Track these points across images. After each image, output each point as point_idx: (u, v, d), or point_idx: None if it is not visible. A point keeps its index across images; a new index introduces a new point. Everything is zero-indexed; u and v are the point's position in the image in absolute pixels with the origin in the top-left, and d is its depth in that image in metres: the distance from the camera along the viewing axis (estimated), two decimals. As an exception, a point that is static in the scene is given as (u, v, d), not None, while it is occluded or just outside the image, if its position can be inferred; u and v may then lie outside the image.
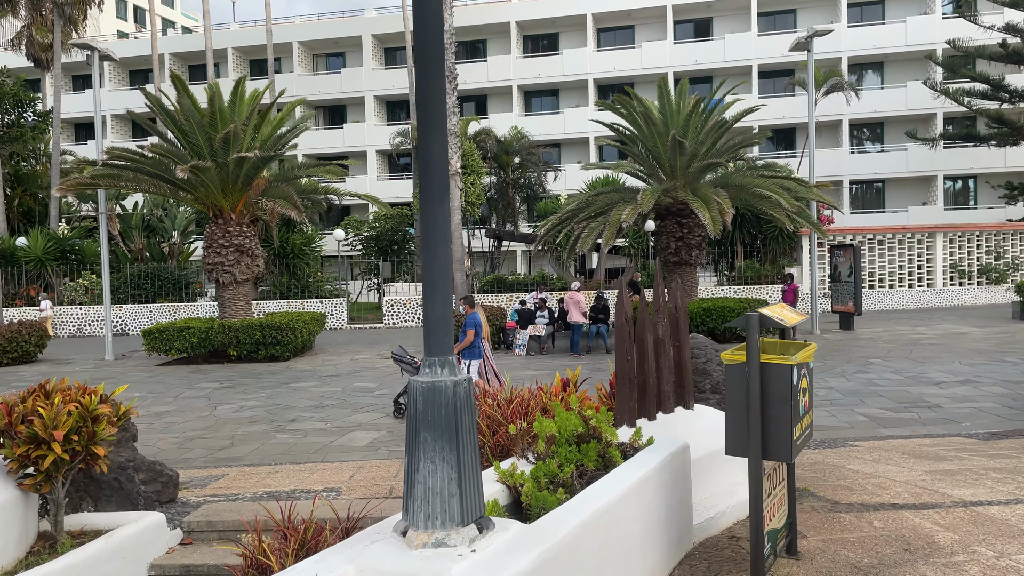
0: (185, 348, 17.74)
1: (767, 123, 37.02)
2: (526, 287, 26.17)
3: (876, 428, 9.24)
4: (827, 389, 11.93)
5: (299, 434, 9.95)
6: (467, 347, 10.71)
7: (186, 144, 18.18)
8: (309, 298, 25.82)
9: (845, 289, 20.73)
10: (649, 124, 19.06)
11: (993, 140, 32.22)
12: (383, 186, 40.92)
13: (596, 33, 41.27)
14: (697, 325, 18.45)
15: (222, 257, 18.45)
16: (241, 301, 18.85)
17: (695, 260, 19.74)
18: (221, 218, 18.71)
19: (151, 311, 25.28)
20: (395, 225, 30.76)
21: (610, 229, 17.81)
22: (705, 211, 16.88)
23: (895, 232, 27.06)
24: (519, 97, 41.05)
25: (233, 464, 8.44)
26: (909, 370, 13.46)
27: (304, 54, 43.40)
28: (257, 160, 17.75)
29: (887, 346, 16.89)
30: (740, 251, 27.24)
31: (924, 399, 10.85)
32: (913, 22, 36.68)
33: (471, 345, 10.74)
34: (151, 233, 28.46)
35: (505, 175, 32.81)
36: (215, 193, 18.26)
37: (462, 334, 10.72)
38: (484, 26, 41.27)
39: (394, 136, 33.24)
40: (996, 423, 9.27)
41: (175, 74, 17.78)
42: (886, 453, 7.47)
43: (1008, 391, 11.19)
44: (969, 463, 6.73)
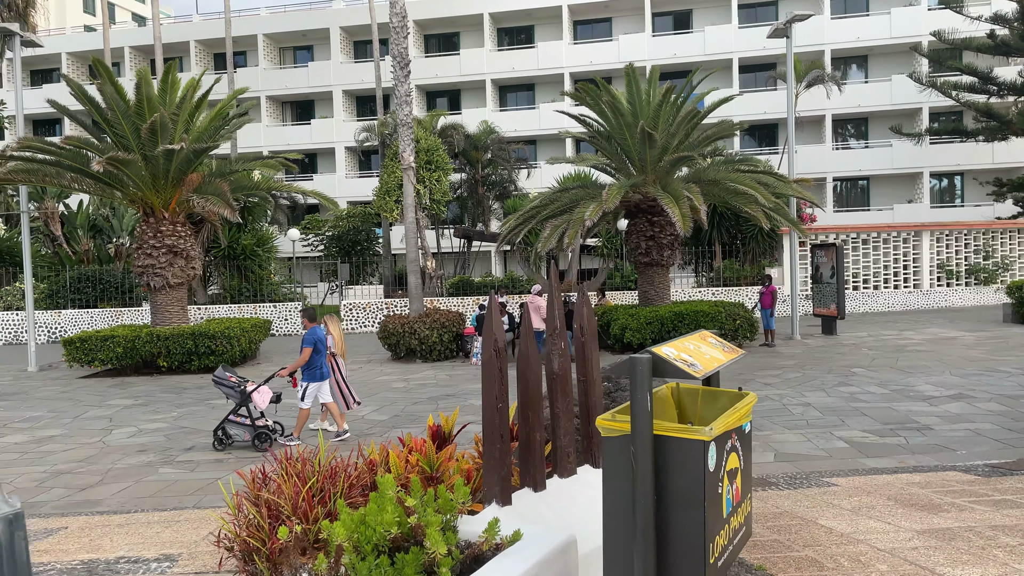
0: (109, 359, 16.24)
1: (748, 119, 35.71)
2: (494, 290, 24.82)
3: (858, 457, 7.92)
4: (804, 406, 10.62)
5: (187, 468, 8.51)
6: (308, 367, 9.33)
7: (112, 136, 16.70)
8: (262, 302, 24.32)
9: (827, 291, 19.45)
10: (617, 115, 17.72)
11: (981, 135, 31.09)
12: (352, 184, 39.48)
13: (572, 26, 39.93)
14: (669, 331, 17.12)
15: (153, 259, 16.99)
16: (175, 307, 17.38)
17: (667, 261, 18.42)
18: (152, 216, 17.24)
19: (92, 317, 23.71)
20: (359, 224, 29.27)
21: (573, 228, 16.43)
22: (675, 207, 15.53)
23: (880, 231, 25.85)
24: (493, 92, 39.64)
25: (86, 510, 7.01)
26: (895, 382, 12.17)
27: (270, 47, 41.80)
28: (189, 153, 16.29)
29: (871, 353, 15.62)
30: (718, 251, 25.96)
31: (912, 418, 9.54)
32: (898, 14, 35.53)
33: (312, 365, 9.34)
34: (97, 234, 26.87)
35: (475, 172, 31.39)
36: (144, 189, 16.78)
37: (307, 353, 9.32)
38: (457, 18, 39.83)
39: (359, 131, 31.76)
40: (996, 451, 7.96)
41: (96, 60, 16.30)
42: (868, 498, 6.13)
43: (1006, 408, 9.91)
44: (971, 517, 5.39)
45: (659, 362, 2.12)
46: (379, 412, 11.45)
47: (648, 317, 17.13)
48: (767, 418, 9.92)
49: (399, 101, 17.55)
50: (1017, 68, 31.50)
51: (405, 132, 17.62)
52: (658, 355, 2.11)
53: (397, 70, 17.43)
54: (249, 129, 40.16)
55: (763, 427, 9.41)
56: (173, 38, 41.26)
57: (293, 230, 26.09)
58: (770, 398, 11.30)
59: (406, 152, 17.48)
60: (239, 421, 9.20)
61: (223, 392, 9.40)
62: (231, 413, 9.20)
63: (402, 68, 17.40)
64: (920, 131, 33.37)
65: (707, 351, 2.39)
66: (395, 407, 11.80)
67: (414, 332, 17.06)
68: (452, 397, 12.71)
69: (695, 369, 2.15)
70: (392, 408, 11.72)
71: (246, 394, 9.17)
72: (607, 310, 18.89)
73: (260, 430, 9.14)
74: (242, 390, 9.20)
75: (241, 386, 9.25)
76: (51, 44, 42.68)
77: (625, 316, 17.48)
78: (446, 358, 17.69)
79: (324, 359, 9.53)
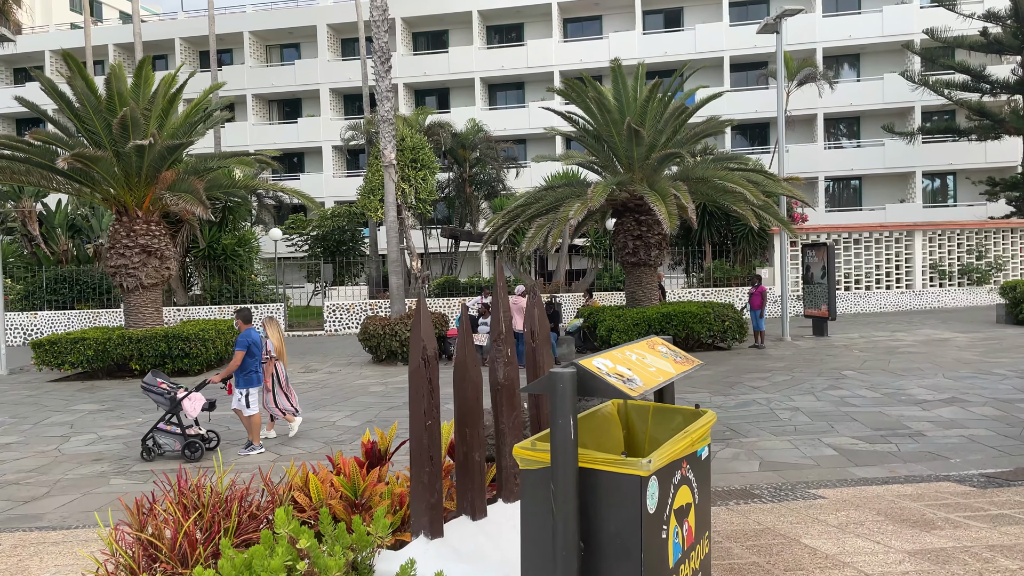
0: (79, 362, 15.75)
1: (739, 118, 35.46)
2: (480, 290, 24.43)
3: (847, 466, 7.51)
4: (792, 410, 10.22)
5: (141, 479, 8.06)
6: (242, 372, 8.87)
7: (84, 132, 16.23)
8: (243, 303, 23.82)
9: (818, 291, 19.08)
10: (603, 112, 17.31)
11: (974, 134, 30.81)
12: (339, 183, 39.01)
13: (562, 24, 39.54)
14: (656, 332, 16.72)
15: (126, 259, 16.49)
16: (149, 308, 16.88)
17: (655, 261, 18.02)
18: (126, 215, 16.75)
19: (69, 318, 23.19)
20: (345, 224, 28.80)
21: (558, 227, 16.03)
22: (661, 205, 15.14)
23: (872, 231, 25.51)
24: (482, 90, 39.20)
25: (24, 525, 6.56)
26: (887, 385, 11.79)
27: (256, 45, 41.28)
28: (162, 149, 15.82)
29: (863, 355, 15.24)
30: (708, 251, 25.59)
31: (904, 424, 9.15)
32: (890, 12, 35.22)
33: (245, 369, 8.88)
34: (76, 234, 26.34)
35: (462, 171, 30.95)
36: (117, 187, 16.31)
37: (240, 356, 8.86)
38: (446, 15, 39.39)
39: (345, 130, 31.29)
40: (992, 459, 7.57)
41: (67, 53, 15.80)
42: (857, 512, 5.72)
43: (1001, 413, 9.52)
44: (966, 535, 4.99)
45: (586, 377, 1.71)
46: (351, 418, 11.01)
47: (635, 318, 16.73)
48: (753, 424, 9.52)
49: (380, 97, 17.12)
50: (1010, 66, 31.25)
51: (386, 129, 17.19)
52: (586, 369, 1.70)
53: (378, 65, 17.00)
54: (235, 128, 39.68)
55: (749, 433, 9.02)
56: (158, 36, 40.73)
57: (275, 230, 25.59)
58: (757, 402, 10.91)
59: (387, 149, 17.05)
60: (169, 430, 8.70)
61: (152, 399, 8.93)
62: (160, 421, 8.72)
63: (383, 63, 16.97)
64: (912, 130, 33.08)
65: (653, 362, 1.98)
66: (369, 412, 11.37)
67: (395, 334, 16.61)
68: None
69: (632, 386, 1.73)
70: (366, 414, 11.29)
71: (176, 401, 8.68)
72: (593, 311, 18.50)
73: (191, 439, 8.65)
74: (172, 397, 8.73)
75: (171, 393, 8.78)
76: (34, 42, 42.12)
77: (611, 317, 17.08)
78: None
79: (259, 364, 9.06)
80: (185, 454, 8.62)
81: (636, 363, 1.89)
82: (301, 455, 8.82)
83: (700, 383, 12.82)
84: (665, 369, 1.98)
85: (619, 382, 1.70)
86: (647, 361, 1.96)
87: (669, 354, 2.13)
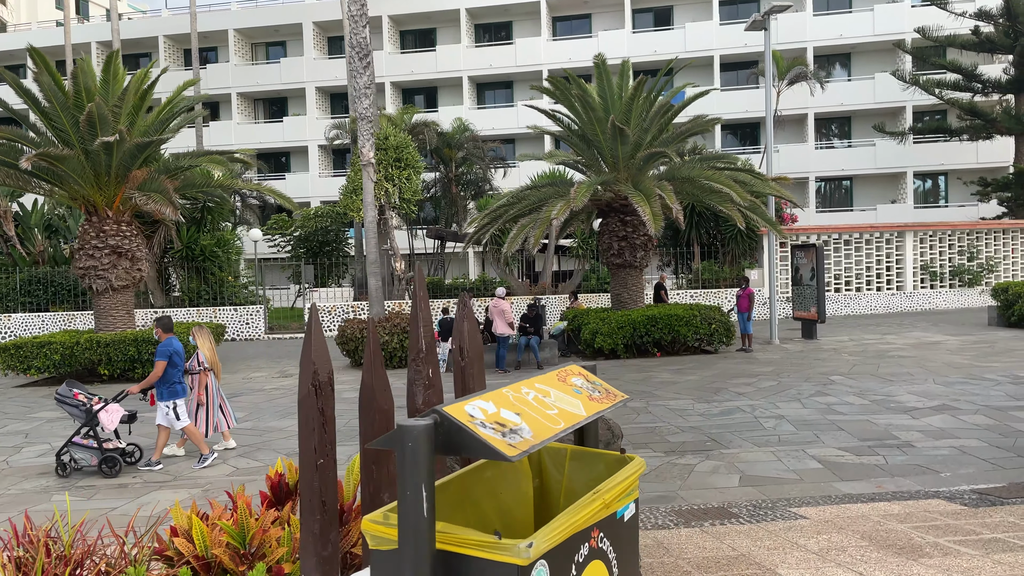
0: (45, 367, 15.25)
1: (729, 117, 35.17)
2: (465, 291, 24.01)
3: (831, 481, 7.11)
4: (777, 418, 9.82)
5: (85, 495, 7.59)
6: (165, 383, 8.42)
7: (52, 129, 15.74)
8: (223, 305, 23.32)
9: (807, 293, 18.70)
10: (587, 110, 16.93)
11: (965, 134, 30.52)
12: (326, 183, 38.51)
13: (551, 22, 39.13)
14: (642, 335, 16.34)
15: (95, 260, 16.01)
16: (119, 311, 16.40)
17: (640, 262, 17.64)
18: (95, 215, 16.26)
19: (43, 320, 22.65)
20: (329, 224, 28.32)
21: (539, 228, 15.63)
22: (646, 206, 14.74)
23: (862, 231, 25.17)
24: (470, 89, 38.76)
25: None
26: (875, 391, 11.40)
27: (241, 43, 40.73)
28: (132, 148, 15.34)
29: (852, 359, 14.87)
30: (697, 252, 25.21)
31: (892, 433, 8.76)
32: (881, 11, 34.92)
33: (168, 381, 8.43)
34: (52, 234, 25.78)
35: (448, 171, 30.50)
36: (86, 186, 15.81)
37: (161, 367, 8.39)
38: (434, 13, 38.93)
39: (330, 129, 30.80)
40: (984, 473, 7.18)
41: (32, 48, 15.33)
42: (839, 536, 5.31)
43: (993, 422, 9.14)
44: (957, 565, 4.58)
45: (450, 431, 1.28)
46: (319, 426, 10.54)
47: (620, 321, 16.33)
48: (736, 433, 9.12)
49: (358, 93, 16.67)
50: (1002, 65, 30.97)
51: (365, 126, 16.74)
52: (450, 419, 1.26)
53: (355, 60, 16.55)
54: (219, 127, 39.15)
55: (731, 444, 8.61)
56: (141, 33, 40.17)
57: (255, 230, 25.08)
58: (741, 410, 10.51)
59: (365, 147, 16.59)
60: (85, 444, 8.16)
61: (67, 412, 8.41)
62: (75, 435, 8.20)
63: (361, 59, 16.51)
64: (904, 130, 32.80)
65: (558, 401, 1.55)
66: (338, 421, 10.89)
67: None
68: (402, 409, 11.83)
69: (514, 440, 1.29)
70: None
71: (92, 413, 8.18)
72: (578, 313, 18.09)
73: (109, 454, 8.13)
74: (87, 409, 8.23)
75: (87, 404, 8.28)
76: (17, 40, 41.53)
77: (596, 320, 16.67)
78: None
79: (181, 374, 8.59)
80: (102, 470, 8.09)
81: (532, 404, 1.46)
82: (260, 468, 8.38)
83: (683, 389, 12.42)
84: (572, 411, 1.55)
85: (496, 436, 1.26)
86: (550, 400, 1.53)
87: (584, 389, 1.71)
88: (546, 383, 1.65)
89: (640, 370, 14.84)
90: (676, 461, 7.98)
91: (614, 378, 13.96)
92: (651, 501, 6.67)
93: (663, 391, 12.36)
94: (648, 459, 8.08)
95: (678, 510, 6.31)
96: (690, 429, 9.46)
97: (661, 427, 9.64)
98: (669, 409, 10.78)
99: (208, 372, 9.06)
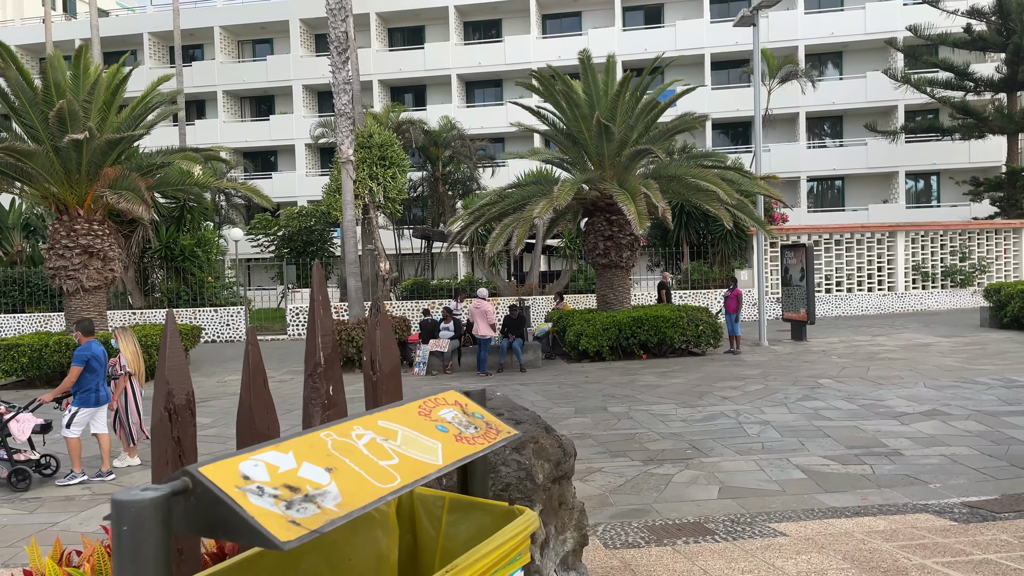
0: (13, 369, 14.80)
1: (721, 116, 34.88)
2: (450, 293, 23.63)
3: (815, 493, 6.74)
4: (762, 424, 9.45)
5: (28, 507, 7.18)
6: (80, 390, 7.98)
7: (21, 125, 15.31)
8: (203, 306, 22.87)
9: (797, 294, 18.36)
10: (572, 106, 16.56)
11: (957, 133, 30.25)
12: (313, 182, 38.05)
13: (541, 20, 38.75)
14: (627, 337, 15.98)
15: (66, 260, 15.58)
16: (91, 312, 15.95)
17: (627, 262, 17.28)
18: (66, 214, 15.84)
19: (19, 321, 22.17)
20: (313, 224, 27.89)
21: (522, 227, 15.24)
22: (630, 204, 14.37)
23: (853, 231, 24.86)
24: (459, 87, 38.36)
25: None
26: (864, 395, 11.05)
27: (227, 40, 40.24)
28: (104, 145, 14.92)
29: (841, 361, 14.53)
30: (687, 252, 24.87)
31: (881, 441, 8.40)
32: (873, 9, 34.65)
33: (84, 387, 7.98)
34: (30, 234, 25.30)
35: (435, 169, 30.09)
36: (56, 184, 15.38)
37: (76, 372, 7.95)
38: (422, 11, 38.52)
39: (315, 127, 30.37)
40: (975, 484, 6.82)
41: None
42: (819, 557, 4.94)
43: (985, 428, 8.79)
44: (945, 592, 4.21)
45: (204, 503, 0.87)
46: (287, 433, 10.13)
47: (605, 323, 15.96)
48: (718, 440, 8.75)
49: (337, 89, 16.28)
50: (994, 64, 30.71)
51: (344, 123, 16.35)
52: (208, 487, 0.86)
53: (334, 56, 16.16)
54: (205, 125, 38.69)
55: (712, 452, 8.24)
56: (126, 31, 39.67)
57: (235, 230, 24.62)
58: (725, 415, 10.14)
59: (344, 144, 16.20)
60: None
61: None
62: None
63: (339, 54, 16.12)
64: (896, 129, 32.51)
65: (406, 447, 1.15)
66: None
67: (351, 339, 15.75)
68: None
69: (301, 517, 0.86)
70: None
71: (1, 423, 7.72)
72: (563, 315, 17.71)
73: (19, 466, 7.65)
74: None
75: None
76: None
77: (581, 322, 16.30)
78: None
79: (102, 380, 8.13)
80: (12, 482, 7.60)
81: (361, 453, 1.07)
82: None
83: (667, 393, 12.05)
84: (421, 459, 1.14)
85: (272, 509, 0.86)
86: (392, 445, 1.13)
87: (455, 425, 1.31)
88: (398, 418, 1.26)
89: (625, 373, 14.47)
90: (654, 471, 7.61)
91: (597, 381, 13.59)
92: (624, 515, 6.30)
93: (646, 395, 11.99)
94: (624, 469, 7.71)
95: (651, 525, 5.94)
96: (671, 436, 9.08)
97: (641, 433, 9.26)
98: (651, 414, 10.40)
99: (129, 377, 8.60)
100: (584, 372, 14.88)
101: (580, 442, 8.97)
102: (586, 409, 11.02)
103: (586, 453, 8.40)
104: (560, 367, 15.91)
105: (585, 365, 15.84)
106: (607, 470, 7.67)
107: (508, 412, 3.63)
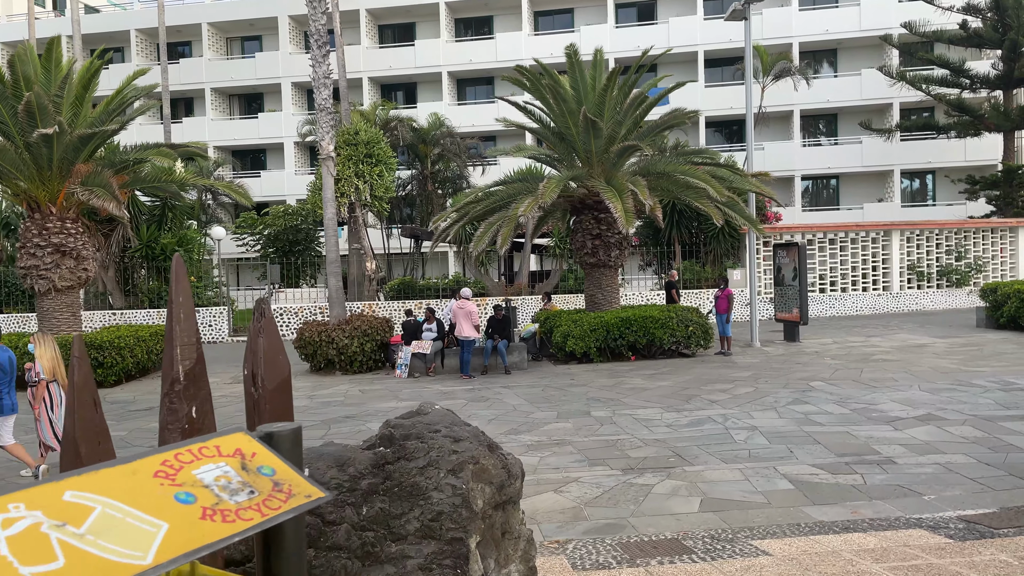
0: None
1: (714, 114, 34.52)
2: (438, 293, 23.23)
3: (802, 505, 6.34)
4: (750, 430, 9.05)
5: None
6: None
7: (-9, 120, 14.85)
8: (185, 306, 22.40)
9: (790, 294, 17.97)
10: (559, 102, 16.16)
11: (953, 130, 29.92)
12: (302, 180, 37.52)
13: (532, 16, 38.34)
14: (615, 338, 15.57)
15: (37, 259, 15.15)
16: (64, 313, 15.53)
17: (615, 261, 16.89)
18: (38, 212, 15.40)
19: (-4, 322, 21.70)
20: (300, 223, 27.45)
21: (508, 226, 14.85)
22: (617, 202, 13.97)
23: (847, 230, 24.49)
24: (450, 85, 37.93)
25: None
26: (857, 399, 10.66)
27: (216, 37, 39.76)
28: (75, 140, 14.49)
29: (834, 363, 14.14)
30: (679, 251, 24.48)
31: (873, 448, 8.01)
32: (868, 5, 34.30)
33: None
34: (11, 233, 24.79)
35: (424, 168, 29.66)
36: (26, 181, 14.93)
37: None
38: (413, 7, 38.09)
39: (303, 124, 29.93)
40: (972, 495, 6.42)
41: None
42: (803, 580, 4.54)
43: (982, 434, 8.40)
44: (939, 625, 3.81)
45: None
46: (254, 439, 9.71)
47: (592, 323, 15.56)
48: (703, 447, 8.35)
49: (317, 84, 15.86)
50: (990, 61, 30.37)
51: (323, 118, 15.92)
52: None
53: (314, 50, 15.74)
54: (193, 123, 38.22)
55: (696, 460, 7.84)
56: (113, 27, 39.17)
57: (218, 228, 24.18)
58: (712, 420, 9.75)
59: (324, 140, 15.78)
60: None
61: None
62: None
63: (319, 47, 15.69)
64: (891, 127, 32.17)
65: (104, 536, 0.73)
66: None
67: (332, 341, 15.33)
68: (351, 419, 11.03)
69: None
70: (273, 434, 9.98)
71: None
72: (550, 315, 17.30)
73: None
74: None
75: None
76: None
77: (568, 323, 15.89)
78: (370, 369, 16.01)
79: (11, 388, 7.81)
80: None
81: (27, 548, 0.67)
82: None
83: (654, 397, 11.65)
84: (114, 559, 0.70)
85: None
86: (71, 533, 0.72)
87: (214, 489, 0.87)
88: (110, 485, 0.85)
89: (612, 375, 14.07)
90: (633, 481, 7.20)
91: (583, 384, 13.19)
92: (597, 530, 5.89)
93: (632, 398, 11.59)
94: (603, 479, 7.30)
95: (625, 542, 5.54)
96: (655, 442, 8.68)
97: (623, 440, 8.86)
98: (635, 419, 10.00)
99: (48, 383, 8.20)
100: (570, 374, 14.48)
101: (559, 449, 8.57)
102: (568, 413, 10.62)
103: (564, 461, 8.00)
104: (546, 369, 15.51)
105: (572, 367, 15.44)
106: (584, 480, 7.27)
107: (446, 428, 3.22)
